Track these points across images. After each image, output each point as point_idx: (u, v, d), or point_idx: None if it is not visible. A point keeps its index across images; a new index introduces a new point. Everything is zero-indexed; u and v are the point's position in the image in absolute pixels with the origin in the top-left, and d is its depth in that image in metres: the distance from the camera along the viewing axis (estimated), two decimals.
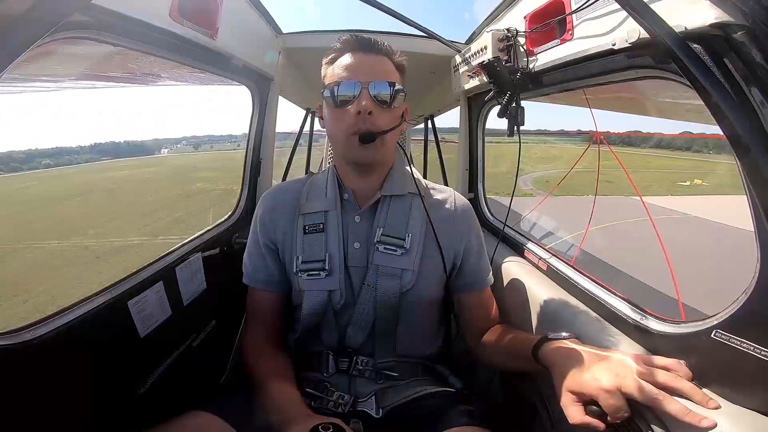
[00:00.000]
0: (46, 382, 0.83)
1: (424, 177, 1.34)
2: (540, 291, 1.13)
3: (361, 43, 0.97)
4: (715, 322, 0.65)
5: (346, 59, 0.96)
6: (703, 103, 0.63)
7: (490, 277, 1.13)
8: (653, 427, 0.67)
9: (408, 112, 1.06)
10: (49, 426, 0.83)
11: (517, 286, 1.23)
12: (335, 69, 0.97)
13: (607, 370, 0.70)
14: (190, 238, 1.48)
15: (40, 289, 13.85)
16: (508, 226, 1.47)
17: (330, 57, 1.00)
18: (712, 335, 0.65)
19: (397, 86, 0.95)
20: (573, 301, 1.05)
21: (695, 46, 0.63)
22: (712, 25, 0.59)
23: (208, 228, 1.64)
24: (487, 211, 1.87)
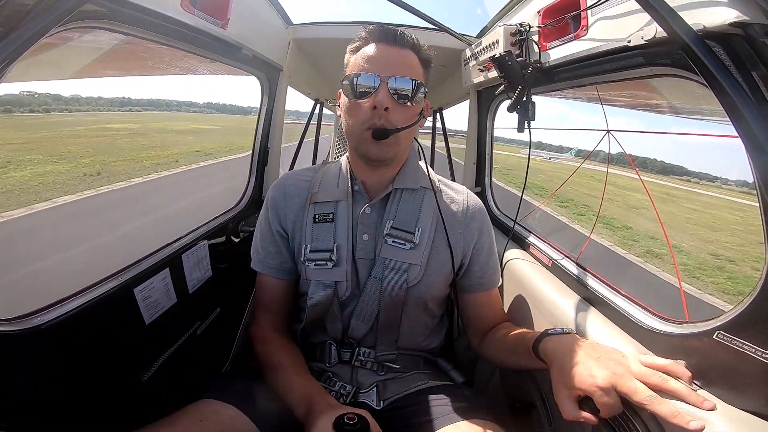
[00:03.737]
0: (54, 367, 0.85)
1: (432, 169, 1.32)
2: (544, 287, 1.13)
3: (386, 34, 0.93)
4: (718, 324, 0.65)
5: (369, 50, 0.93)
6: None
7: (498, 279, 1.11)
8: (647, 424, 0.67)
9: (428, 108, 1.03)
10: (56, 410, 0.85)
11: (520, 281, 1.23)
12: (357, 59, 0.94)
13: (604, 367, 0.70)
14: (196, 226, 1.49)
15: None
16: (517, 222, 1.46)
17: (354, 45, 0.97)
18: (714, 336, 0.65)
19: (419, 82, 0.92)
20: (576, 298, 1.04)
21: (714, 44, 0.61)
22: (731, 24, 0.57)
23: (215, 215, 1.64)
24: (494, 205, 1.85)
